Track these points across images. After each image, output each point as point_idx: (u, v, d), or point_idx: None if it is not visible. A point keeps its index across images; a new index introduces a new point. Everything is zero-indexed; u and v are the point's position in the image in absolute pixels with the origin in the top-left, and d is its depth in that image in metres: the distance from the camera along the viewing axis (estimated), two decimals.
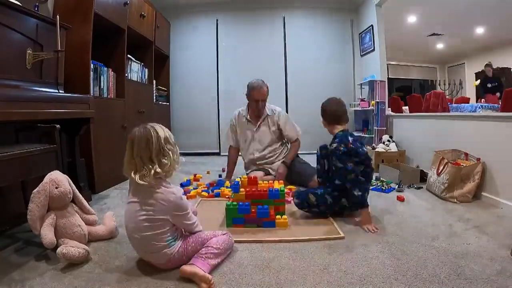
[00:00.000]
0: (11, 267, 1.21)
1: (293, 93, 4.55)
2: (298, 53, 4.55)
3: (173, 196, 1.14)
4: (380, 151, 3.16)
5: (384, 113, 3.72)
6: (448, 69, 8.50)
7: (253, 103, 2.49)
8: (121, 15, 2.71)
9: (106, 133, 2.50)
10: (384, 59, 3.99)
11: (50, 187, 1.31)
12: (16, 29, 1.63)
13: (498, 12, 4.84)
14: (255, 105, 2.49)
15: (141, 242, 1.15)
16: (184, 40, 4.60)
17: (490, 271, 1.13)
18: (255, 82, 2.48)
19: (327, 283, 1.09)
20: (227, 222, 1.63)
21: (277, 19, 4.55)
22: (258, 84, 2.47)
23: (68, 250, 1.21)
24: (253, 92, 2.47)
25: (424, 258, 1.26)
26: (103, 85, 2.55)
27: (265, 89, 2.48)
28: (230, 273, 1.16)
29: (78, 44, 2.23)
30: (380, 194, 2.27)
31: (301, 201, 1.73)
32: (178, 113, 4.62)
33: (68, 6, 2.27)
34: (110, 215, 1.62)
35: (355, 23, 4.59)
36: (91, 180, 2.26)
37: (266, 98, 2.52)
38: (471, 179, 2.04)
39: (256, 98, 2.46)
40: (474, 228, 1.57)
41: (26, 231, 1.54)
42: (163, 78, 4.15)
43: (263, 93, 2.46)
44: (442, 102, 2.97)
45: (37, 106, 1.56)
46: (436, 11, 4.96)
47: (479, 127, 2.17)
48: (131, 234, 1.17)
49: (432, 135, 2.75)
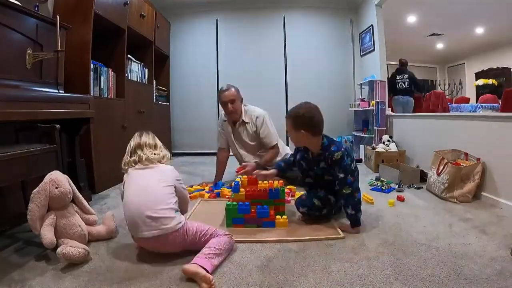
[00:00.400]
0: (11, 267, 1.21)
1: (293, 93, 4.53)
2: (298, 53, 4.55)
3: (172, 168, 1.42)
4: (380, 151, 3.16)
5: (384, 113, 3.72)
6: (448, 69, 8.50)
7: (224, 107, 2.49)
8: (121, 15, 2.71)
9: (106, 133, 2.50)
10: (384, 59, 3.99)
11: (50, 187, 1.31)
12: (16, 29, 1.63)
13: (498, 12, 4.84)
14: (226, 108, 2.48)
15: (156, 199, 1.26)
16: (184, 40, 4.60)
17: (490, 271, 1.13)
18: (222, 87, 2.51)
19: (327, 283, 1.09)
20: (227, 222, 1.63)
21: (277, 19, 4.55)
22: (224, 88, 2.48)
23: (68, 250, 1.20)
24: (219, 95, 2.50)
25: (424, 258, 1.26)
26: (103, 85, 2.55)
27: (232, 91, 2.44)
28: (230, 273, 1.16)
29: (78, 44, 2.23)
30: (380, 194, 2.27)
31: (308, 208, 1.65)
32: (178, 113, 4.62)
33: (68, 6, 2.27)
34: (110, 215, 1.62)
35: (355, 23, 4.59)
36: (91, 180, 2.26)
37: (237, 99, 2.46)
38: (471, 179, 2.04)
39: (222, 100, 2.46)
40: (474, 228, 1.57)
41: (26, 231, 1.54)
42: (163, 78, 4.15)
43: (228, 95, 2.42)
44: (442, 102, 2.98)
45: (37, 106, 1.56)
46: (436, 11, 4.96)
47: (479, 127, 2.17)
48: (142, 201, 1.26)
49: (432, 135, 2.75)
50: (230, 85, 2.50)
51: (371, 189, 2.39)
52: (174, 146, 4.59)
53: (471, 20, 5.40)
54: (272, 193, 1.67)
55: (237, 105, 2.47)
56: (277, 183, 1.80)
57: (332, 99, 4.37)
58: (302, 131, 1.56)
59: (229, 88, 2.46)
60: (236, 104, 2.46)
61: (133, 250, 1.37)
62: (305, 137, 1.58)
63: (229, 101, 2.43)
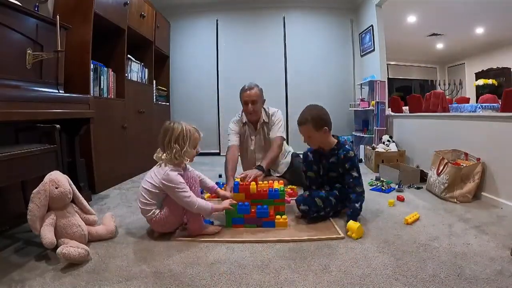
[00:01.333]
0: (11, 267, 1.21)
1: (293, 93, 4.54)
2: (298, 53, 4.55)
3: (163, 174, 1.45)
4: (380, 151, 3.16)
5: (384, 113, 3.72)
6: (448, 69, 8.49)
7: (244, 106, 2.40)
8: (121, 15, 2.71)
9: (106, 133, 2.50)
10: (384, 59, 3.99)
11: (50, 187, 1.31)
12: (16, 29, 1.63)
13: (498, 12, 4.84)
14: (245, 108, 2.38)
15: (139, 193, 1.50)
16: (184, 40, 4.60)
17: (490, 271, 1.13)
18: (246, 84, 2.40)
19: (327, 283, 1.09)
20: (227, 222, 1.63)
21: (277, 19, 4.55)
22: (247, 86, 2.37)
23: (68, 250, 1.20)
24: (242, 93, 2.38)
25: (424, 258, 1.26)
26: (103, 85, 2.55)
27: (255, 91, 2.34)
28: (230, 273, 1.16)
29: (78, 44, 2.23)
30: (380, 194, 2.27)
31: (309, 206, 1.66)
32: (178, 113, 4.62)
33: (68, 6, 2.27)
34: (110, 215, 1.62)
35: (355, 23, 4.59)
36: (91, 180, 2.26)
37: (259, 101, 2.36)
38: (471, 179, 2.04)
39: (244, 99, 2.35)
40: (474, 228, 1.57)
41: (26, 231, 1.54)
42: (163, 78, 4.15)
43: (251, 95, 2.32)
44: (442, 102, 2.97)
45: (37, 106, 1.56)
46: (436, 11, 4.95)
47: (479, 127, 2.17)
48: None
49: (432, 135, 2.75)
50: (254, 84, 2.37)
51: (371, 189, 2.39)
52: None
53: (471, 20, 5.40)
54: (272, 193, 1.68)
55: (258, 106, 2.37)
56: (277, 183, 1.80)
57: (332, 99, 4.37)
58: (325, 128, 1.67)
59: (253, 87, 2.35)
60: (258, 105, 2.37)
61: (133, 250, 1.37)
62: (325, 136, 1.70)
63: (251, 101, 2.33)
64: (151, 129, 3.29)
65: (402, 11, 5.02)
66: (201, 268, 1.20)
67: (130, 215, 1.85)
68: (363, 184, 1.70)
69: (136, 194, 2.26)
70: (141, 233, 1.56)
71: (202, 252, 1.34)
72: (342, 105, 4.51)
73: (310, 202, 1.66)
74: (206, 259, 1.28)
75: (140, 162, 3.05)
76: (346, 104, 4.51)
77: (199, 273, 1.17)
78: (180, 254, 1.32)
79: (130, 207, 2.03)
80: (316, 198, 1.66)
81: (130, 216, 1.83)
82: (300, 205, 1.69)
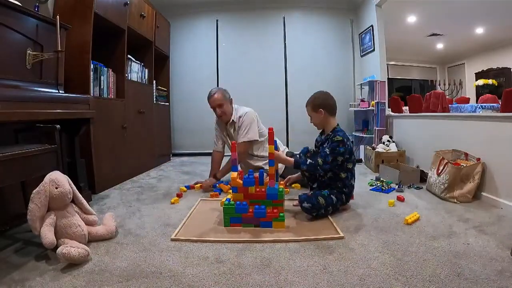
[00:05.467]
0: (11, 267, 1.22)
1: (293, 93, 4.54)
2: (298, 53, 4.55)
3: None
4: (380, 151, 3.16)
5: (384, 113, 3.72)
6: (448, 69, 8.49)
7: (213, 110, 2.57)
8: (121, 15, 2.71)
9: (106, 133, 2.50)
10: (384, 59, 3.99)
11: (50, 187, 1.31)
12: (16, 29, 1.63)
13: (498, 12, 4.84)
14: (215, 112, 2.56)
15: None
16: (184, 40, 4.60)
17: (490, 271, 1.13)
18: (210, 90, 2.54)
19: (327, 283, 1.09)
20: (225, 221, 1.63)
21: (277, 19, 4.55)
22: (211, 92, 2.52)
23: (68, 250, 1.20)
24: (208, 101, 2.54)
25: (424, 258, 1.26)
26: (103, 85, 2.55)
27: (218, 95, 2.48)
28: (230, 273, 1.16)
29: (78, 44, 2.23)
30: (380, 194, 2.27)
31: (312, 204, 1.70)
32: (178, 113, 4.62)
33: (68, 6, 2.28)
34: (110, 215, 1.62)
35: (355, 23, 4.59)
36: (91, 180, 2.26)
37: (225, 103, 2.50)
38: (471, 179, 2.04)
39: (210, 105, 2.53)
40: (474, 228, 1.57)
41: (26, 231, 1.55)
42: (163, 78, 4.15)
43: (215, 100, 2.48)
44: (442, 102, 2.97)
45: (37, 106, 1.56)
46: (436, 11, 4.95)
47: (479, 127, 2.17)
48: None
49: (432, 135, 2.75)
50: (216, 89, 2.55)
51: (371, 189, 2.39)
52: (174, 146, 4.59)
53: (471, 20, 5.40)
54: (270, 193, 1.67)
55: (225, 108, 2.52)
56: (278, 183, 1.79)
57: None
58: (321, 110, 1.85)
59: (215, 92, 2.50)
60: (224, 107, 2.51)
61: (133, 250, 1.37)
62: (323, 117, 1.86)
63: (217, 106, 2.50)
64: (151, 129, 3.29)
65: (402, 11, 5.02)
66: (201, 268, 1.20)
67: (130, 215, 1.85)
68: (327, 166, 1.75)
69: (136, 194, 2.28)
70: (141, 233, 1.57)
71: (202, 252, 1.34)
72: (342, 105, 4.45)
73: (313, 200, 1.71)
74: (206, 259, 1.28)
75: (140, 162, 3.05)
76: (346, 104, 4.51)
77: (199, 273, 1.17)
78: (180, 254, 1.32)
79: (130, 207, 2.03)
80: (319, 197, 1.72)
81: (130, 216, 1.83)
82: (303, 203, 1.73)
